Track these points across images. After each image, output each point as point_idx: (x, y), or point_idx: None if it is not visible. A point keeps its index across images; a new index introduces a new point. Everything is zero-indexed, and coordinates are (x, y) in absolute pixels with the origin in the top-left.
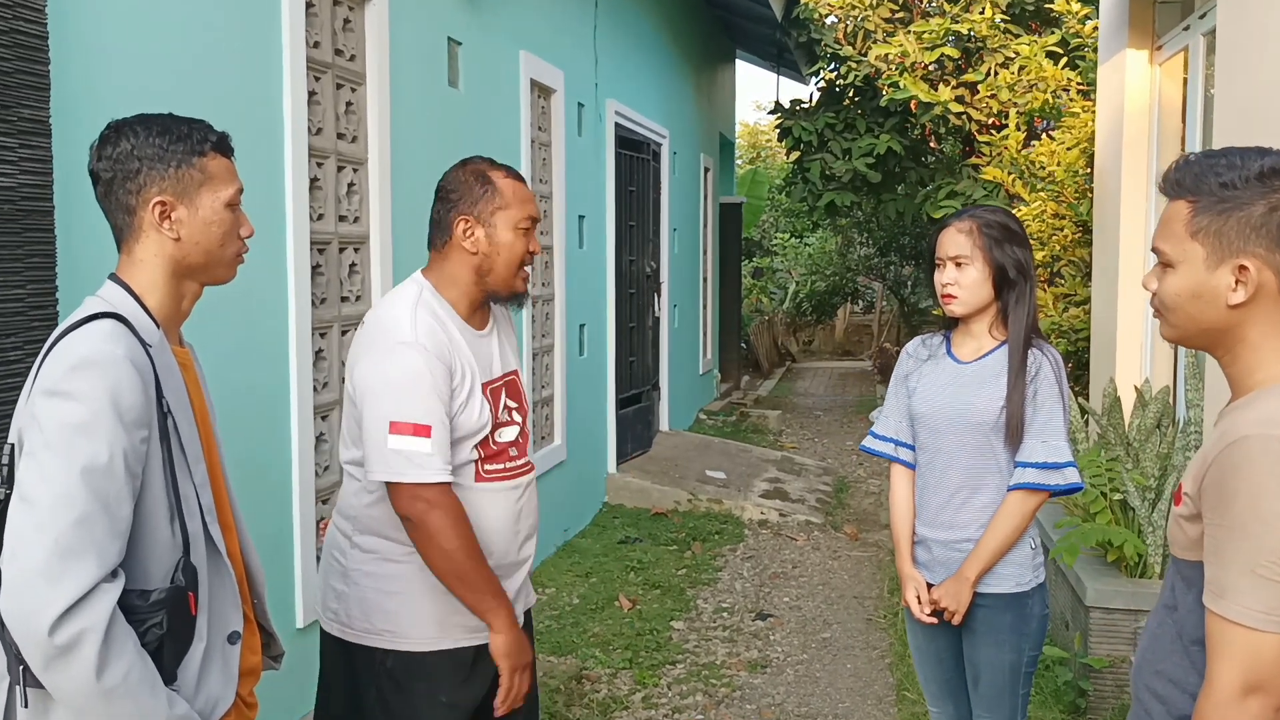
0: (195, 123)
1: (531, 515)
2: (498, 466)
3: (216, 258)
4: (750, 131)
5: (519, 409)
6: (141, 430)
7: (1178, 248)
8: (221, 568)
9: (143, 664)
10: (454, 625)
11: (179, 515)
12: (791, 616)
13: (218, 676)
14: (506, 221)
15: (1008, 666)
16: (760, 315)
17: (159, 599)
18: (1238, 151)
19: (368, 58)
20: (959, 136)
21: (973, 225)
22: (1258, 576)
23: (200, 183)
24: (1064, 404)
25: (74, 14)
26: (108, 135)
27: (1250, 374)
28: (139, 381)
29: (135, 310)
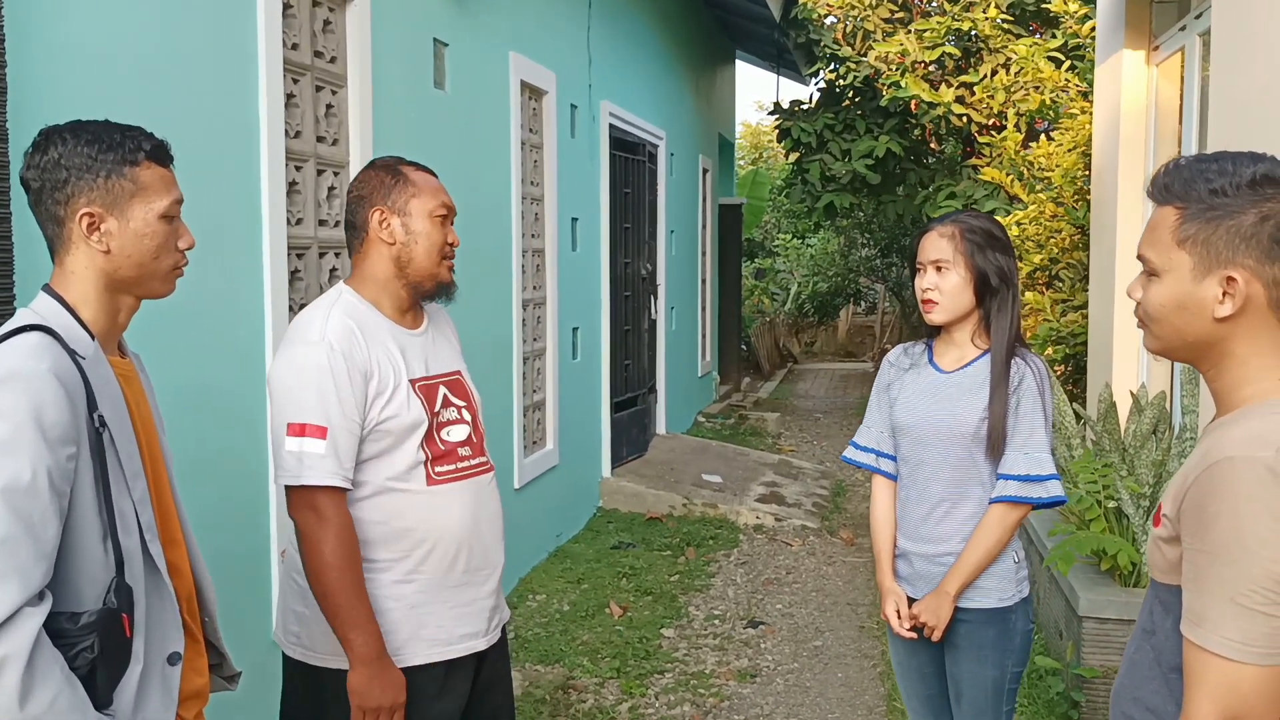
0: (130, 130)
1: (496, 518)
2: (449, 467)
3: (150, 271)
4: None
5: (467, 407)
6: (68, 447)
7: (1164, 256)
8: (161, 587)
9: (70, 690)
10: (422, 640)
11: (113, 533)
12: (783, 624)
13: (157, 699)
14: (421, 209)
15: (990, 683)
16: (762, 317)
17: (89, 621)
18: (1230, 157)
19: (349, 60)
20: (959, 137)
21: (955, 230)
22: (1237, 605)
23: (131, 194)
24: (1047, 415)
25: (33, 14)
26: (38, 143)
27: (1236, 390)
28: (64, 397)
29: (67, 322)
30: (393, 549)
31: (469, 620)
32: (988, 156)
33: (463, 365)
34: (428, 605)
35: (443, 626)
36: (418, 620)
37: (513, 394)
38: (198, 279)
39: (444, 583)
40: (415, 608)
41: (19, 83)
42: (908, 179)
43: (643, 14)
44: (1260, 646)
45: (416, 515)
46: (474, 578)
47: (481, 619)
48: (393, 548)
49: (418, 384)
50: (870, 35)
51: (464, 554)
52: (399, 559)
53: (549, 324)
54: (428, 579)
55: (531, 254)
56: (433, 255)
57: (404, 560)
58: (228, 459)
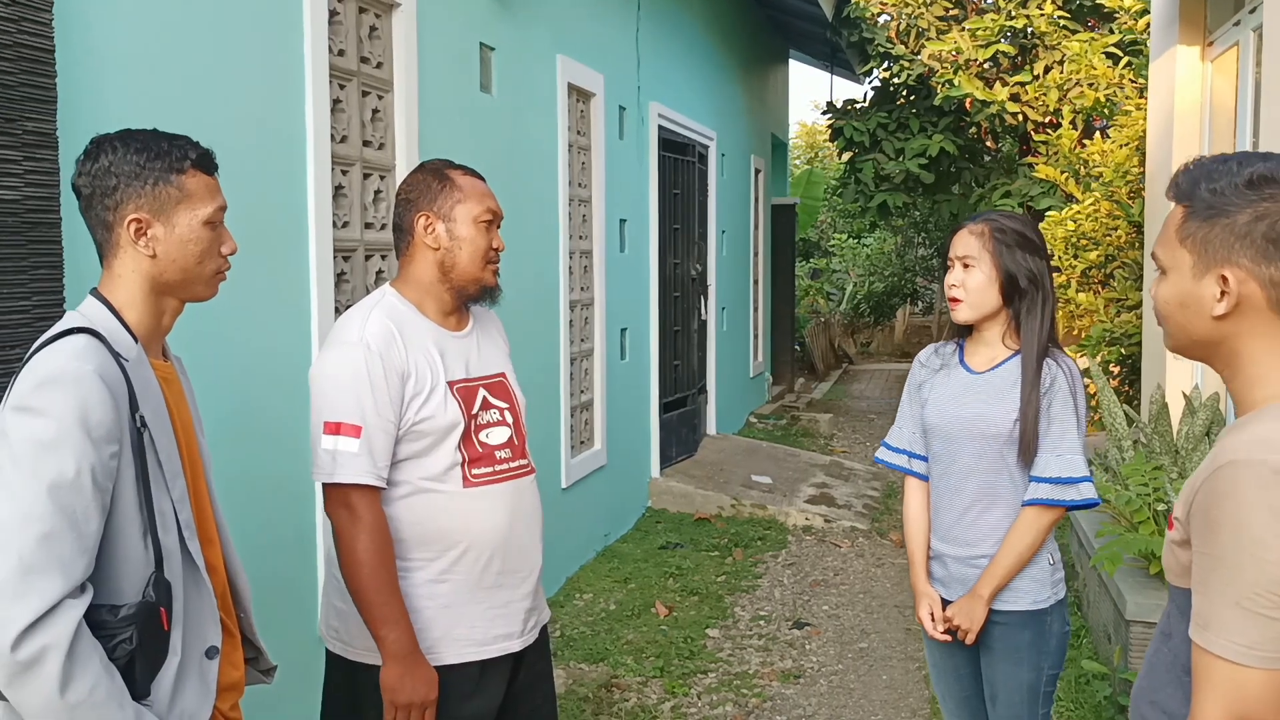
0: (177, 139)
1: (535, 520)
2: (486, 470)
3: (194, 275)
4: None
5: (510, 409)
6: (111, 446)
7: (1169, 253)
8: (199, 583)
9: (109, 679)
10: (456, 639)
11: (152, 530)
12: (829, 625)
13: (194, 691)
14: (466, 215)
15: (1026, 686)
16: (817, 317)
17: (128, 614)
18: (1239, 157)
19: (395, 65)
20: (1016, 135)
21: (985, 228)
22: (1242, 609)
23: (178, 200)
24: (1079, 417)
25: (83, 26)
26: (89, 150)
27: (1249, 391)
28: (109, 397)
29: (113, 325)
30: (427, 549)
31: (504, 621)
32: (1044, 154)
33: (508, 367)
34: (462, 605)
35: (476, 626)
36: (451, 619)
37: (560, 395)
38: (244, 282)
39: (479, 584)
40: (449, 607)
41: (69, 92)
42: (963, 178)
43: (693, 15)
44: (1266, 650)
45: (452, 517)
46: (509, 580)
47: (517, 620)
48: (427, 548)
49: (456, 386)
50: (924, 33)
51: (499, 556)
52: (433, 559)
53: (597, 325)
54: (462, 579)
55: (579, 255)
56: (477, 260)
57: (438, 560)
58: (275, 458)
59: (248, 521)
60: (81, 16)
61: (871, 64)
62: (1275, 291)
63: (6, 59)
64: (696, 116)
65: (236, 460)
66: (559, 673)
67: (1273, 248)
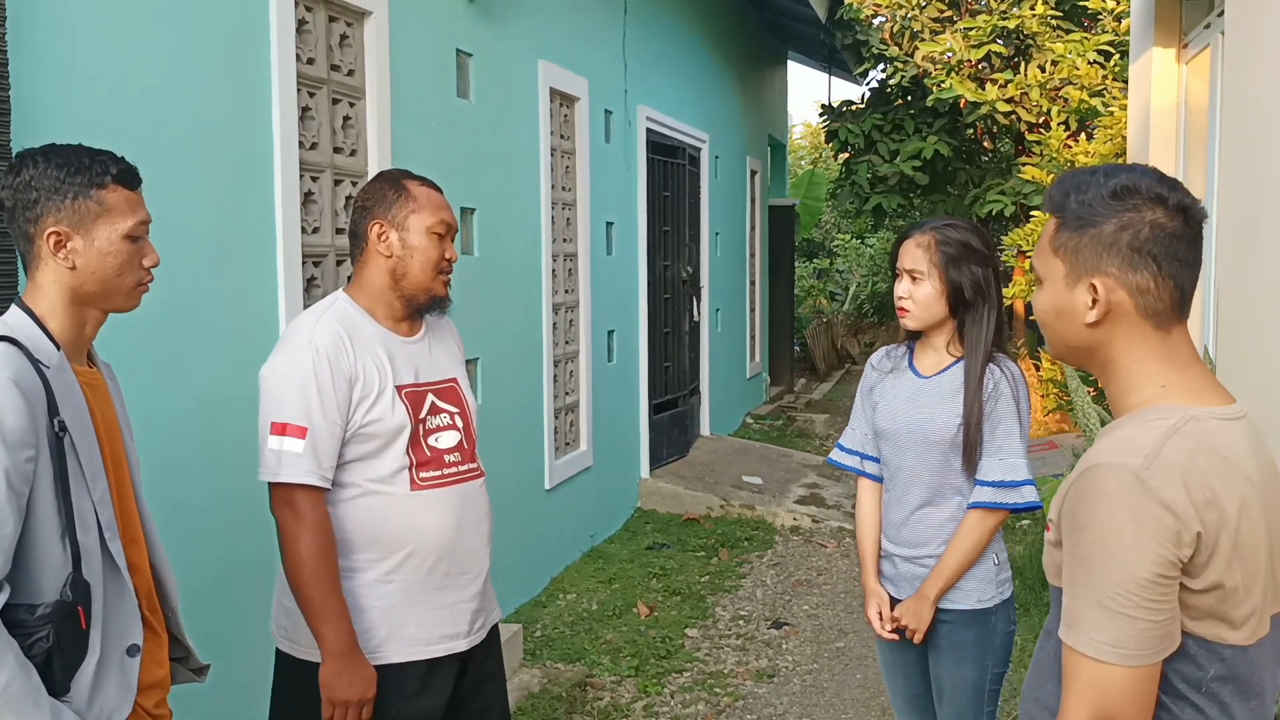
0: (100, 154)
1: (482, 523)
2: (434, 473)
3: (113, 287)
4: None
5: (460, 414)
6: (26, 450)
7: (1044, 264)
8: (120, 582)
9: (24, 676)
10: (402, 639)
11: (71, 531)
12: (808, 625)
13: (114, 688)
14: (419, 225)
15: (971, 684)
16: (820, 317)
17: (45, 613)
18: (1106, 169)
19: (367, 72)
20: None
21: (930, 240)
22: (1105, 608)
23: (97, 215)
24: (1023, 422)
25: (40, 37)
26: (13, 165)
27: (1123, 397)
28: (23, 403)
29: (34, 333)
30: (375, 550)
31: (450, 621)
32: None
33: (461, 373)
34: (407, 606)
35: (423, 627)
36: (398, 620)
37: (543, 396)
38: (211, 287)
39: (424, 584)
40: (395, 607)
41: (24, 104)
42: (958, 178)
43: (683, 18)
44: (1128, 648)
45: (398, 519)
46: (456, 581)
47: (463, 621)
48: (375, 549)
49: (404, 390)
50: (918, 35)
51: (445, 558)
52: (379, 560)
53: (582, 327)
54: (408, 580)
55: (563, 258)
56: (428, 270)
57: (385, 561)
58: (238, 463)
59: (213, 527)
60: (36, 30)
61: (867, 65)
62: (1143, 299)
63: None
64: (687, 119)
65: (203, 465)
66: (535, 672)
67: (1138, 256)
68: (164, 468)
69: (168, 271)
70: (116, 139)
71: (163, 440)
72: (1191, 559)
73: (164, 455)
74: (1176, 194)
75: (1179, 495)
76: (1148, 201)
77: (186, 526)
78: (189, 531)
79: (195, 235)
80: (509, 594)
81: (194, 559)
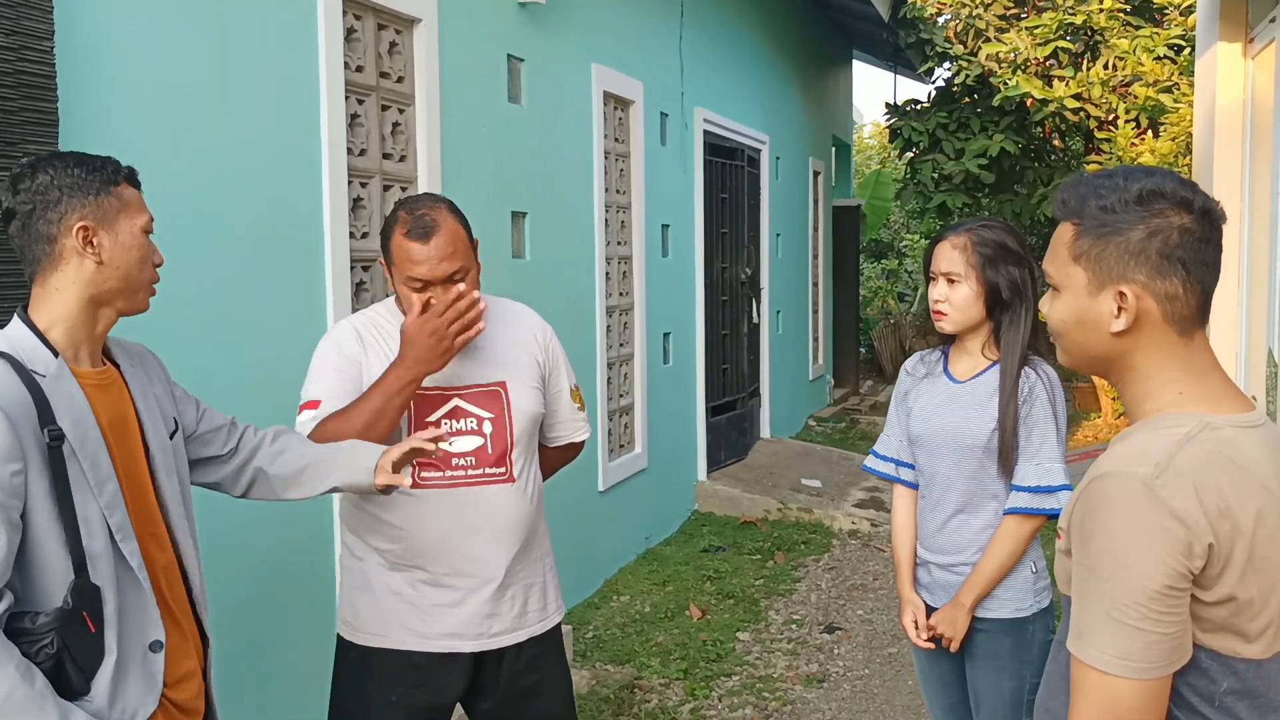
0: (104, 158)
1: (495, 528)
2: (435, 474)
3: (135, 282)
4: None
5: (494, 420)
6: (12, 464)
7: (1061, 271)
8: (135, 582)
9: (26, 684)
10: (401, 628)
11: (74, 538)
12: (861, 630)
13: (137, 685)
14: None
15: (1009, 693)
16: (888, 318)
17: (47, 621)
18: (1124, 172)
19: (416, 79)
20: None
21: (967, 241)
22: (1113, 620)
23: (119, 209)
24: (1059, 425)
25: (88, 48)
26: (24, 172)
27: (1139, 404)
28: (3, 420)
29: (30, 344)
30: (381, 539)
31: (453, 621)
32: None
33: (518, 375)
34: (411, 596)
35: (423, 619)
36: (401, 608)
37: (596, 398)
38: (260, 293)
39: (428, 580)
40: (398, 594)
41: (71, 115)
42: (1025, 177)
43: (742, 19)
44: (1137, 661)
45: (400, 513)
46: (461, 582)
47: (470, 623)
48: (381, 537)
49: None
50: (982, 33)
51: (444, 558)
52: (387, 549)
53: (637, 329)
54: (409, 573)
55: (618, 261)
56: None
57: (391, 550)
58: None
59: (259, 535)
60: (84, 42)
61: (931, 64)
62: (1170, 305)
63: (7, 85)
64: (746, 120)
65: None
66: (584, 673)
67: (1167, 263)
68: None
69: (215, 279)
70: (163, 148)
71: None
72: (1203, 571)
73: None
74: (1200, 197)
75: (1190, 505)
76: (1174, 206)
77: (232, 535)
78: (235, 538)
79: (244, 242)
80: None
81: (240, 565)
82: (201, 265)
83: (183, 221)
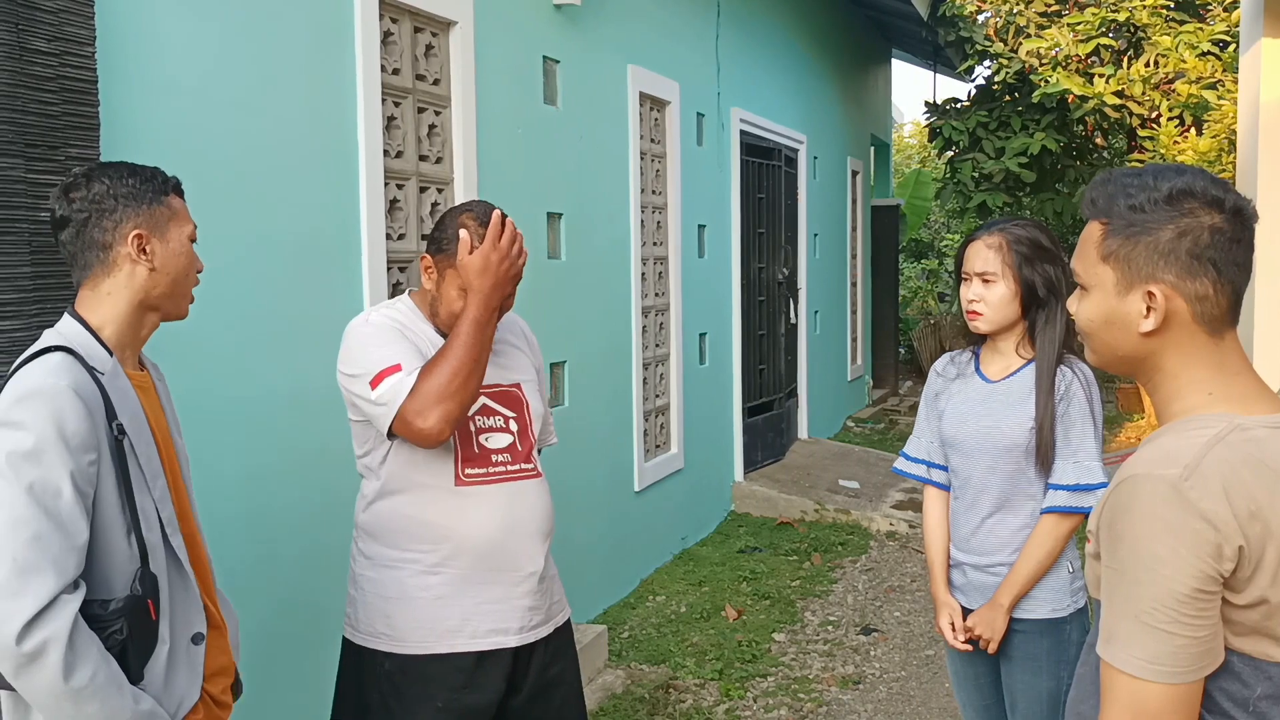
0: (154, 168)
1: (533, 522)
2: (479, 470)
3: (182, 288)
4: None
5: (516, 419)
6: (89, 454)
7: (1089, 271)
8: (183, 574)
9: (107, 666)
10: (448, 631)
11: (136, 529)
12: (898, 632)
13: (184, 675)
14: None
15: (1046, 694)
16: (928, 319)
17: (118, 607)
18: (1152, 171)
19: (452, 81)
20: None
21: (1002, 240)
22: (1142, 623)
23: (169, 218)
24: (1096, 423)
25: (128, 54)
26: (77, 182)
27: (1168, 405)
28: (83, 409)
29: (87, 341)
30: (421, 542)
31: (497, 617)
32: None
33: (527, 377)
34: (454, 598)
35: (468, 620)
36: (444, 611)
37: (632, 399)
38: (297, 294)
39: (469, 579)
40: (441, 599)
41: (114, 120)
42: (1067, 176)
43: (779, 18)
44: (1167, 665)
45: (442, 512)
46: (504, 577)
47: (513, 617)
48: (421, 540)
49: None
50: (1023, 30)
51: (490, 554)
52: (426, 552)
53: (673, 330)
54: (454, 573)
55: (653, 261)
56: (450, 322)
57: (431, 553)
58: (320, 463)
59: (294, 527)
60: (126, 48)
61: (971, 62)
62: (1201, 305)
63: (50, 90)
64: (784, 120)
65: (286, 468)
66: (619, 673)
67: (1197, 263)
68: (246, 470)
69: (254, 280)
70: (202, 150)
71: (246, 443)
72: (1234, 574)
73: (247, 457)
74: (1231, 196)
75: (1219, 507)
76: (1205, 205)
77: (268, 526)
78: (270, 530)
79: (281, 243)
80: (597, 595)
81: (275, 557)
82: (240, 266)
83: (221, 223)
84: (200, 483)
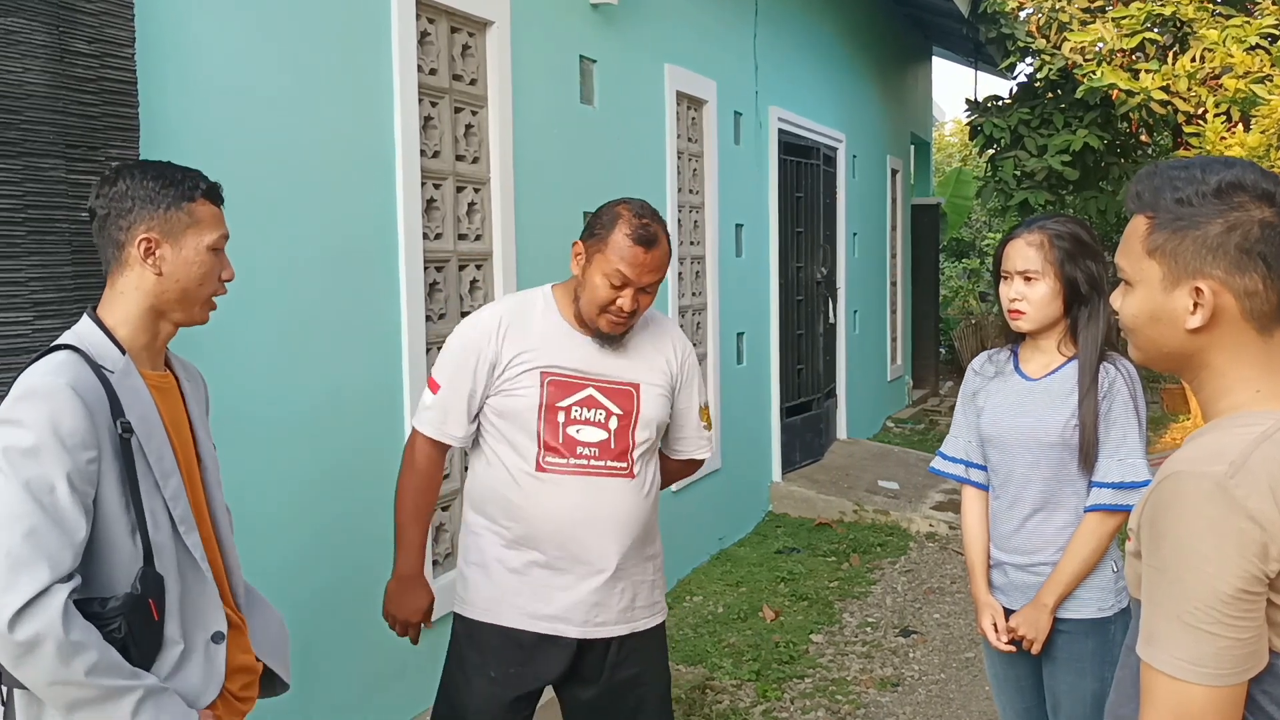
0: (190, 171)
1: (612, 520)
2: (560, 460)
3: (193, 296)
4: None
5: (620, 417)
6: (88, 452)
7: (1135, 266)
8: (199, 574)
9: (107, 652)
10: (509, 606)
11: (140, 528)
12: (937, 633)
13: (198, 674)
14: (596, 268)
15: (1090, 695)
16: (969, 318)
17: (116, 606)
18: (1200, 163)
19: (489, 81)
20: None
21: (1043, 238)
22: (1185, 624)
23: (186, 225)
24: (1140, 420)
25: (168, 56)
26: (108, 177)
27: (1214, 402)
28: (81, 408)
29: (99, 340)
30: (503, 517)
31: (561, 604)
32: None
33: (651, 381)
34: (524, 576)
35: (534, 600)
36: (514, 586)
37: None
38: (335, 294)
39: (541, 562)
40: (514, 573)
41: (153, 121)
42: (1111, 173)
43: (818, 16)
44: (1209, 667)
45: (521, 494)
46: (574, 568)
47: (578, 609)
48: (503, 515)
49: (550, 374)
50: (1065, 26)
51: (561, 543)
52: (507, 527)
53: (710, 329)
54: (528, 553)
55: (690, 260)
56: (590, 308)
57: (508, 530)
58: (363, 460)
59: (333, 529)
60: (165, 49)
61: (1013, 59)
62: (1250, 301)
63: (90, 91)
64: (822, 119)
65: (324, 468)
66: None
67: (1246, 258)
68: (283, 471)
69: (292, 279)
70: (240, 150)
71: (284, 444)
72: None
73: (285, 458)
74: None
75: (1266, 505)
76: (1255, 199)
77: (306, 528)
78: (309, 534)
79: (319, 243)
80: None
81: (314, 561)
82: (278, 265)
83: (258, 223)
84: (238, 485)
